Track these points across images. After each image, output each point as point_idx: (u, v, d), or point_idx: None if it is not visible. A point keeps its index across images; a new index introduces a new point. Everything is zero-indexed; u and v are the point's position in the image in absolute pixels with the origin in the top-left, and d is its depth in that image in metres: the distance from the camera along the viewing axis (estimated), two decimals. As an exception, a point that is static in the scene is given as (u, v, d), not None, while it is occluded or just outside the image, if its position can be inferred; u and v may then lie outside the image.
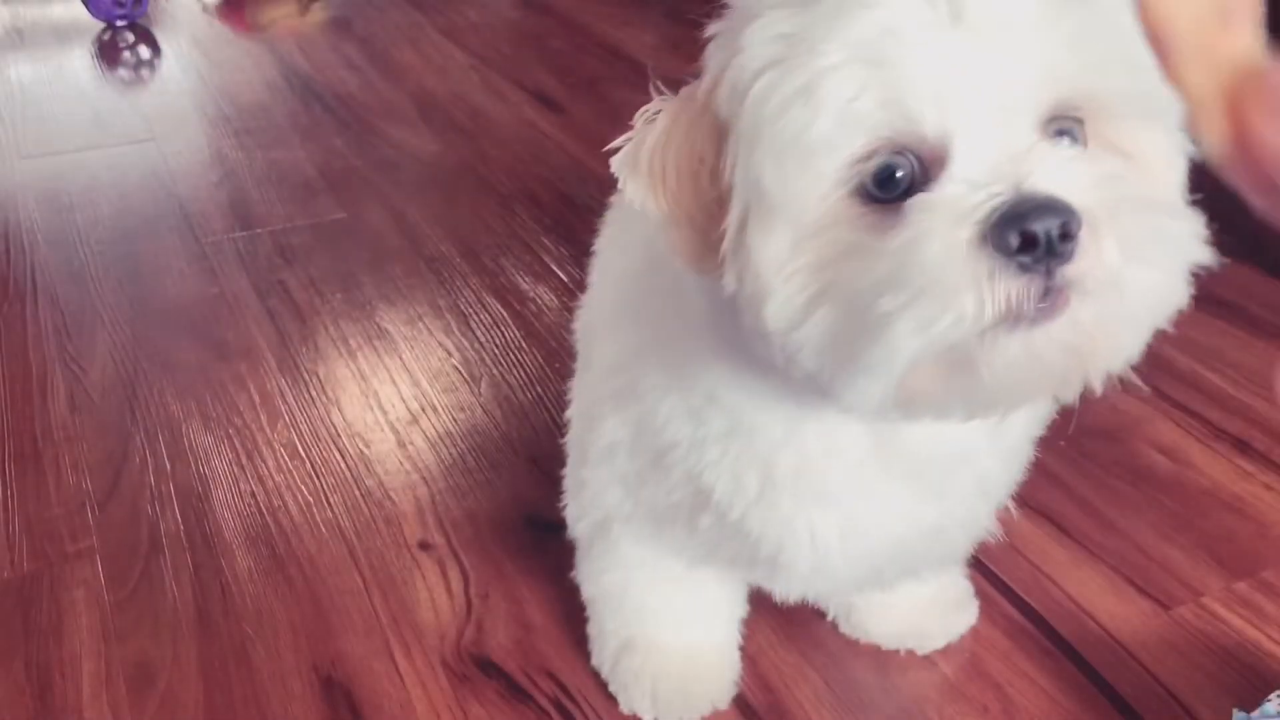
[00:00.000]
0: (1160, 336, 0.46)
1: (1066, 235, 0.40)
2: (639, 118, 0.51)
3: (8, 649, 0.76)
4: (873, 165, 0.44)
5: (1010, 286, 0.41)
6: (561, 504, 0.70)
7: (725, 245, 0.48)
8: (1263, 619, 0.78)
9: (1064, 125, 0.45)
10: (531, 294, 1.19)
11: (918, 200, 0.43)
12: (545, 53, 1.93)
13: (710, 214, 0.48)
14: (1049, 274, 0.41)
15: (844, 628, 0.76)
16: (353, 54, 1.92)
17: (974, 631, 0.76)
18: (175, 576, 0.82)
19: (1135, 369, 0.52)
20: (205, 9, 2.17)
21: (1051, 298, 0.41)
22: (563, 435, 0.70)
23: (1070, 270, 0.41)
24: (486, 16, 2.12)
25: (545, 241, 1.29)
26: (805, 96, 0.44)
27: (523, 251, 1.27)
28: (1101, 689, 0.73)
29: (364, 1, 2.20)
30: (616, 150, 0.51)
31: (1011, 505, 0.64)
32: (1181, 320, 0.44)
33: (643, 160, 0.50)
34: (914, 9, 0.43)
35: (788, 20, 0.45)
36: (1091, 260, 0.41)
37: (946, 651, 0.75)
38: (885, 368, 0.44)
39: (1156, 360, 1.08)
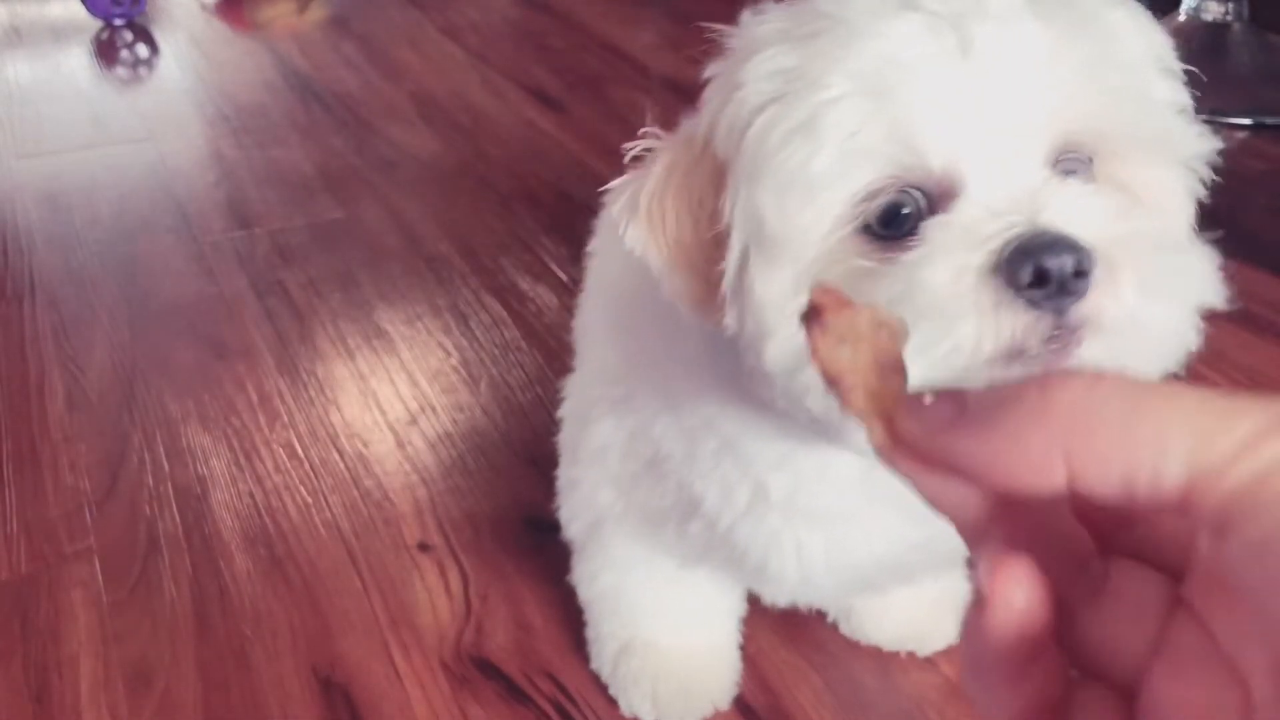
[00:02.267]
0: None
1: (1080, 273, 0.39)
2: (646, 159, 0.50)
3: (6, 650, 0.76)
4: (878, 204, 0.43)
5: (1016, 322, 0.40)
6: (557, 505, 0.70)
7: (725, 286, 0.47)
8: (1264, 620, 0.77)
9: (1070, 164, 0.44)
10: (531, 294, 1.18)
11: (934, 221, 0.42)
12: (545, 52, 1.92)
13: (710, 257, 0.47)
14: (1059, 312, 0.39)
15: (844, 629, 0.76)
16: (351, 53, 1.92)
17: (975, 632, 0.75)
18: (173, 577, 0.82)
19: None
20: (204, 7, 2.16)
21: (1062, 337, 0.40)
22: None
23: (1084, 308, 0.40)
24: (486, 15, 2.12)
25: (545, 241, 1.29)
26: (807, 130, 0.43)
27: (522, 251, 1.27)
28: (1103, 690, 0.72)
29: (363, 0, 2.20)
30: (618, 151, 0.51)
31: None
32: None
33: (641, 205, 0.49)
34: (921, 41, 0.42)
35: (789, 54, 0.45)
36: (1107, 299, 0.40)
37: (947, 652, 0.74)
38: None
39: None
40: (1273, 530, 0.19)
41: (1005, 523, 0.24)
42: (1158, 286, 0.41)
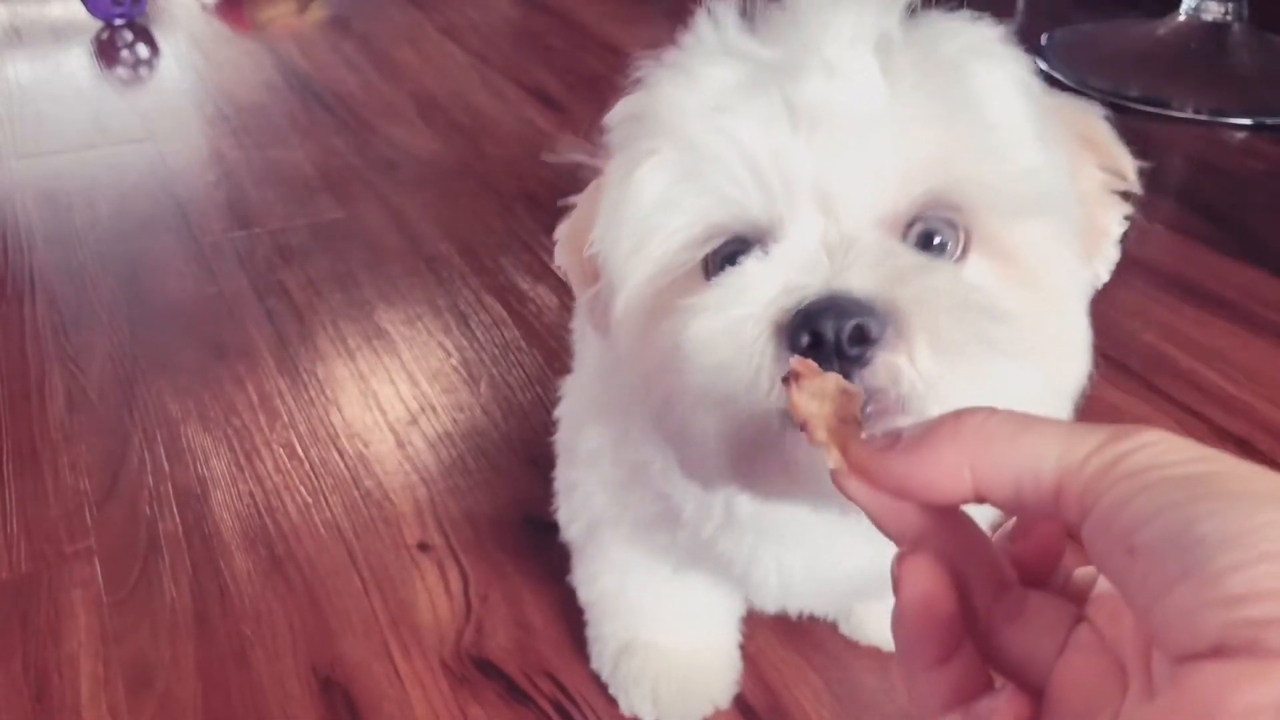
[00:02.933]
0: (1162, 336, 0.46)
1: (863, 338, 0.38)
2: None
3: (6, 649, 0.76)
4: (711, 248, 0.43)
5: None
6: (556, 506, 0.70)
7: (597, 313, 0.49)
8: (1264, 620, 0.77)
9: (933, 225, 0.43)
10: (531, 294, 1.19)
11: (724, 276, 0.42)
12: (545, 52, 1.92)
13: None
14: (845, 378, 0.37)
15: (844, 629, 0.76)
16: (352, 53, 1.92)
17: (975, 632, 0.75)
18: (174, 577, 0.82)
19: (1137, 368, 0.51)
20: (204, 8, 2.16)
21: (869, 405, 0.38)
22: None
23: (871, 375, 0.38)
24: (486, 15, 2.12)
25: (545, 241, 1.29)
26: (627, 181, 0.44)
27: (522, 251, 1.27)
28: (1103, 690, 0.72)
29: (363, 0, 2.20)
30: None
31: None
32: (1183, 320, 0.44)
33: (567, 229, 0.52)
34: (746, 96, 0.42)
35: (635, 100, 0.46)
36: (897, 364, 0.38)
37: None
38: (699, 446, 0.42)
39: (1158, 360, 1.08)
40: (1111, 504, 0.24)
41: (937, 543, 0.29)
42: (958, 352, 0.39)
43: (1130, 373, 1.02)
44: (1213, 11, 1.76)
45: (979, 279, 0.43)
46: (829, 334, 0.38)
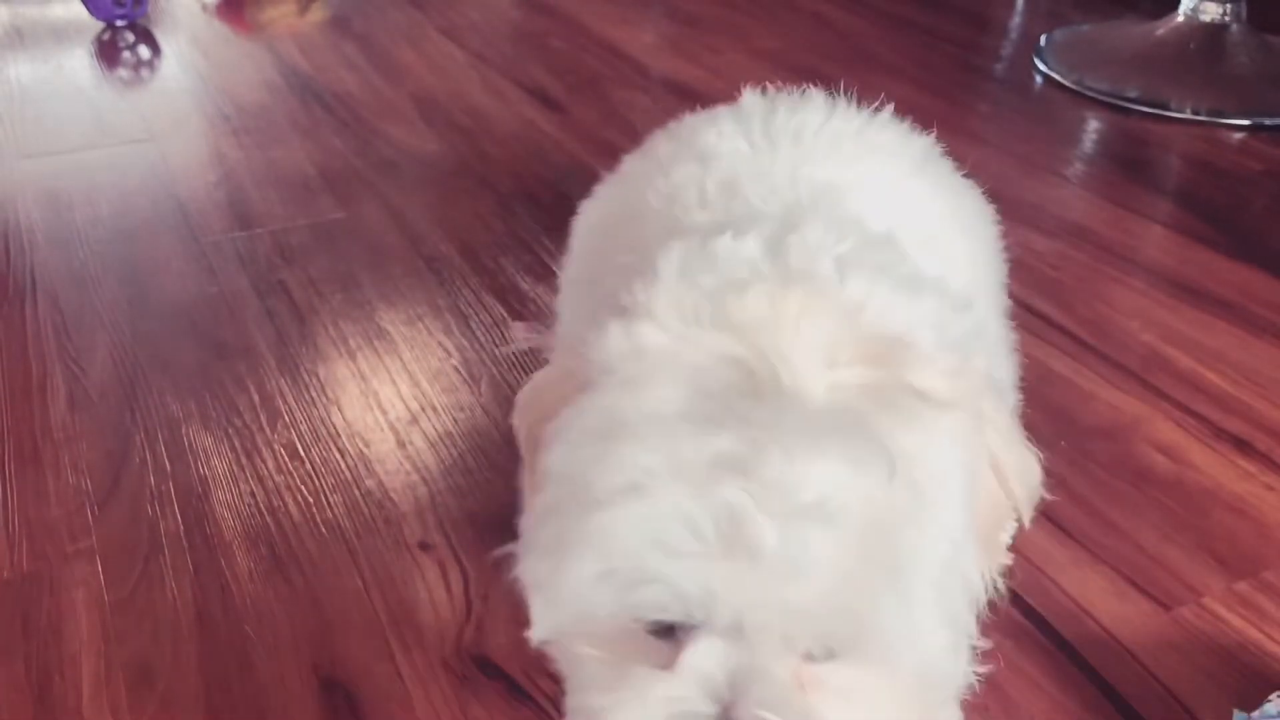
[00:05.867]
0: (1162, 336, 0.46)
1: None
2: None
3: (7, 649, 0.76)
4: (640, 618, 0.45)
5: None
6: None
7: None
8: (1263, 619, 0.78)
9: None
10: (531, 294, 1.19)
11: (645, 674, 0.44)
12: (545, 52, 1.92)
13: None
14: None
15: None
16: (352, 53, 1.92)
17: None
18: (175, 577, 0.82)
19: (1137, 368, 0.52)
20: (205, 8, 2.16)
21: None
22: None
23: None
24: (486, 16, 2.12)
25: (545, 241, 1.29)
26: (556, 571, 0.47)
27: (522, 251, 1.27)
28: (1102, 689, 0.73)
29: (364, 0, 2.20)
30: (619, 151, 0.52)
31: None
32: (1183, 320, 0.44)
33: (526, 397, 0.58)
34: (691, 523, 0.42)
35: (567, 456, 0.50)
36: None
37: (947, 652, 0.74)
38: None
39: (1158, 360, 1.08)
40: None
41: None
42: None
43: (1130, 373, 1.02)
44: (1211, 12, 1.76)
45: None
46: None
